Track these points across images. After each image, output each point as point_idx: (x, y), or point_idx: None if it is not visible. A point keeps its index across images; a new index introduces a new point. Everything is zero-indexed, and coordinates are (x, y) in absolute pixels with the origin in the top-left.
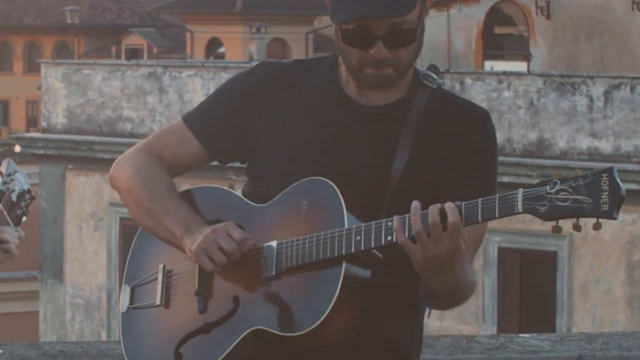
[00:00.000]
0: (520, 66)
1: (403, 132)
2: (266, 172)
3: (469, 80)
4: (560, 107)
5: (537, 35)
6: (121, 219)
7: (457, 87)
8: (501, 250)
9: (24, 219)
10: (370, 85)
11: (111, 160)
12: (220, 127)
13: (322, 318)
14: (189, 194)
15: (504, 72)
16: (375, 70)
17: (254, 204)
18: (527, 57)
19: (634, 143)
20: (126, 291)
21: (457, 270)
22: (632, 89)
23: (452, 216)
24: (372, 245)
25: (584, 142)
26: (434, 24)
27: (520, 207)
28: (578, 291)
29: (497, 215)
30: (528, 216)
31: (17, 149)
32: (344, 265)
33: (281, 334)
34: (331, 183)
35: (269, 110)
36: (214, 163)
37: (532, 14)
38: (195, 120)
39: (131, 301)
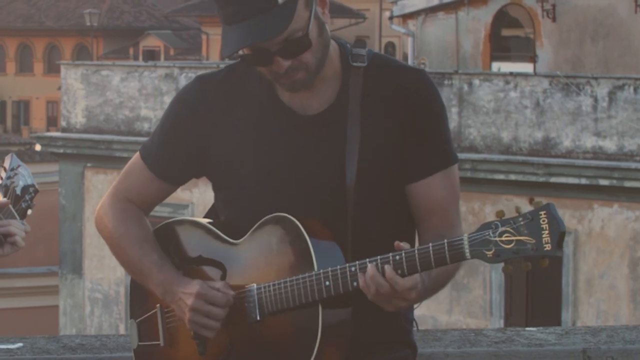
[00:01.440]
0: (526, 67)
1: (348, 129)
2: (231, 199)
3: (476, 81)
4: (566, 107)
5: (543, 37)
6: None
7: (465, 87)
8: None
9: (29, 212)
10: (291, 90)
11: (129, 159)
12: (174, 158)
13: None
14: (170, 228)
15: (511, 73)
16: (286, 79)
17: (230, 240)
18: (533, 59)
19: (638, 142)
20: (133, 327)
21: (424, 296)
22: (635, 90)
23: (394, 283)
24: (341, 291)
25: (589, 141)
26: (443, 26)
27: (468, 254)
28: (583, 286)
29: (448, 262)
30: None
31: (38, 147)
32: (320, 308)
33: None
34: (294, 220)
35: (217, 130)
36: None
37: (538, 17)
38: (151, 156)
39: (139, 338)
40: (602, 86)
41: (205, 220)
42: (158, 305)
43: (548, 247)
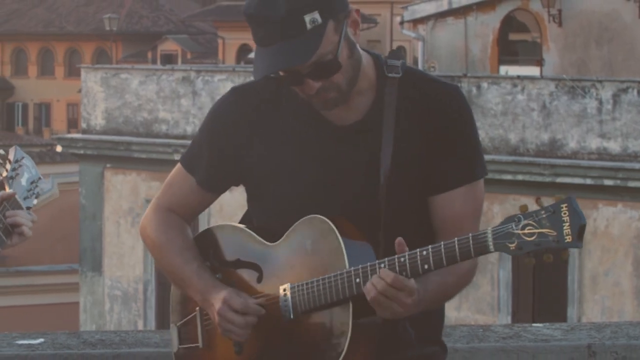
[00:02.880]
0: (533, 71)
1: (382, 139)
2: (268, 207)
3: (485, 84)
4: (571, 110)
5: (550, 41)
6: None
7: (474, 90)
8: None
9: (35, 201)
10: (324, 109)
11: (147, 160)
12: (214, 168)
13: (342, 357)
14: (211, 233)
15: (518, 77)
16: (318, 99)
17: (266, 242)
18: (540, 62)
19: None
20: (174, 331)
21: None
22: (639, 92)
23: (396, 282)
24: None
25: (594, 143)
26: (452, 30)
27: (492, 247)
28: (588, 283)
29: (472, 255)
30: None
31: (59, 148)
32: (350, 306)
33: None
34: (328, 221)
35: (254, 139)
36: None
37: (544, 22)
38: (191, 166)
39: (179, 341)
40: (607, 89)
41: (242, 226)
42: (197, 308)
43: (569, 238)
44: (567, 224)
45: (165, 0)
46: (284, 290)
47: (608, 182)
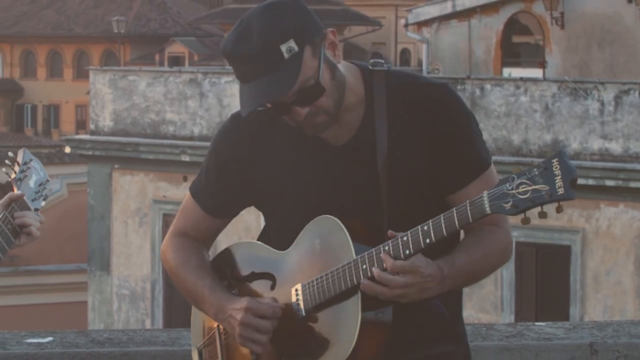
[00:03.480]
0: (536, 73)
1: (377, 152)
2: (278, 225)
3: (488, 86)
4: (574, 111)
5: (552, 43)
6: (164, 215)
7: (478, 92)
8: (518, 244)
9: (42, 203)
10: (314, 134)
11: (154, 161)
12: (221, 195)
13: (352, 347)
14: (228, 252)
15: (521, 78)
16: (308, 124)
17: (278, 251)
18: (542, 64)
19: None
20: (195, 354)
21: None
22: None
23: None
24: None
25: (596, 144)
26: (456, 33)
27: (488, 209)
28: (590, 282)
29: (470, 220)
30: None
31: (67, 149)
32: (359, 295)
33: None
34: (334, 218)
35: (257, 163)
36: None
37: (547, 24)
38: (200, 195)
39: None
40: (609, 91)
41: (256, 241)
42: (216, 325)
43: (561, 191)
44: (559, 177)
45: (172, 2)
46: (296, 290)
47: (610, 183)
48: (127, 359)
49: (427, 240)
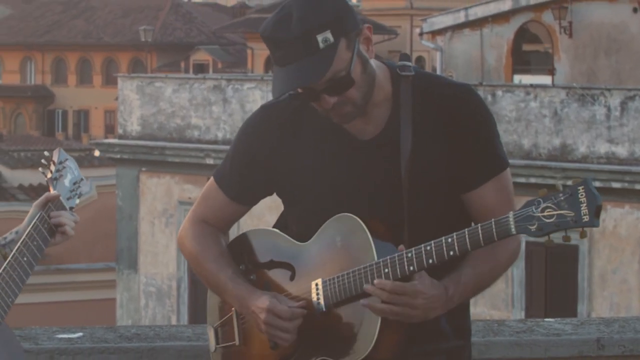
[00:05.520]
0: (545, 79)
1: (401, 148)
2: (299, 215)
3: (499, 92)
4: (581, 116)
5: (561, 52)
6: None
7: (489, 98)
8: (529, 244)
9: (77, 201)
10: (341, 123)
11: (180, 164)
12: (245, 181)
13: (372, 344)
14: (245, 237)
15: (531, 85)
16: (335, 113)
17: (298, 242)
18: (551, 72)
19: None
20: (211, 332)
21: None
22: None
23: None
24: (399, 276)
25: (602, 147)
26: (469, 41)
27: (513, 230)
28: (597, 280)
29: (495, 239)
30: None
31: (97, 153)
32: None
33: None
34: (356, 217)
35: (283, 153)
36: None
37: (556, 33)
38: (224, 181)
39: (217, 341)
40: (615, 97)
41: (275, 229)
42: (233, 309)
43: (586, 218)
44: (585, 204)
45: (197, 12)
46: (316, 285)
47: (616, 185)
48: (154, 353)
49: (451, 253)
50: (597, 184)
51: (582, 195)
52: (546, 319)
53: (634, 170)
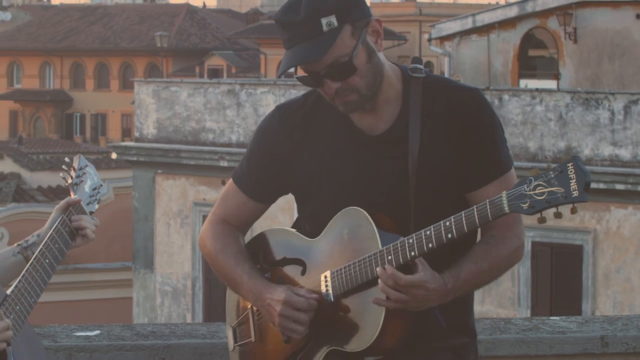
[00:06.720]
0: (550, 84)
1: (409, 145)
2: (313, 212)
3: (506, 96)
4: (586, 120)
5: (566, 57)
6: (204, 216)
7: (496, 102)
8: (534, 244)
9: (96, 206)
10: (345, 112)
11: (195, 166)
12: (263, 180)
13: (377, 332)
14: (261, 237)
15: (537, 89)
16: (338, 100)
17: (309, 239)
18: (556, 76)
19: None
20: (230, 332)
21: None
22: None
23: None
24: (401, 262)
25: (606, 150)
26: (476, 47)
27: (506, 208)
28: (601, 279)
29: (490, 218)
30: None
31: (114, 155)
32: None
33: (349, 350)
34: (362, 210)
35: (298, 151)
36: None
37: (561, 39)
38: (243, 180)
39: (235, 340)
40: (618, 101)
41: (289, 228)
42: (250, 305)
43: (576, 193)
44: (574, 180)
45: (212, 18)
46: (325, 277)
47: (619, 187)
48: (169, 351)
49: (449, 235)
50: (601, 185)
51: (571, 172)
52: (551, 317)
53: (637, 172)
